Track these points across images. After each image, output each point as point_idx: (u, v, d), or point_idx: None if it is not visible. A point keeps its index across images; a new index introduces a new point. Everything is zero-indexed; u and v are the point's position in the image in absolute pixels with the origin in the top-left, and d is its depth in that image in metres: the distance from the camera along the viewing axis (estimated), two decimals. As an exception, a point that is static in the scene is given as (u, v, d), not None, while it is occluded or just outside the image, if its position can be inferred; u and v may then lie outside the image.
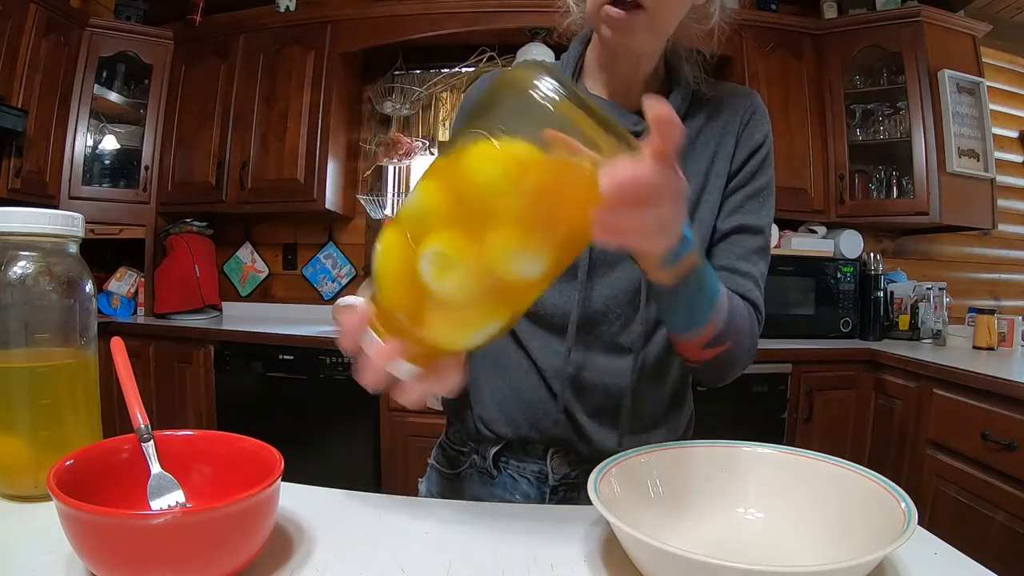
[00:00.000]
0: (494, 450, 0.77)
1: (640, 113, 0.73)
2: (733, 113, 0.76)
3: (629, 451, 0.56)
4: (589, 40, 0.78)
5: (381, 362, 0.48)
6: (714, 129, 0.75)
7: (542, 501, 0.77)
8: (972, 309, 2.54)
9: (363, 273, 2.98)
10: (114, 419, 0.70)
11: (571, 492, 0.77)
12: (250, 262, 3.12)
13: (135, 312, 2.87)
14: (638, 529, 0.41)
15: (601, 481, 0.49)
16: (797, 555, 0.50)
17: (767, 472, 0.55)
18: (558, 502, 0.77)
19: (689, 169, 0.73)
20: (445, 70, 2.88)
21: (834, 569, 0.38)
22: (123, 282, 2.85)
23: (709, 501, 0.55)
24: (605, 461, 0.53)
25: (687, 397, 0.82)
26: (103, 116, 2.87)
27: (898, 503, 0.45)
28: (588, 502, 0.77)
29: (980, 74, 2.59)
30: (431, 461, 0.86)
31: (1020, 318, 2.41)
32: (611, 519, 0.42)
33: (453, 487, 0.81)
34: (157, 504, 0.49)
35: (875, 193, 2.69)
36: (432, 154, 2.85)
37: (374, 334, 0.48)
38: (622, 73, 0.74)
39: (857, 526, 0.47)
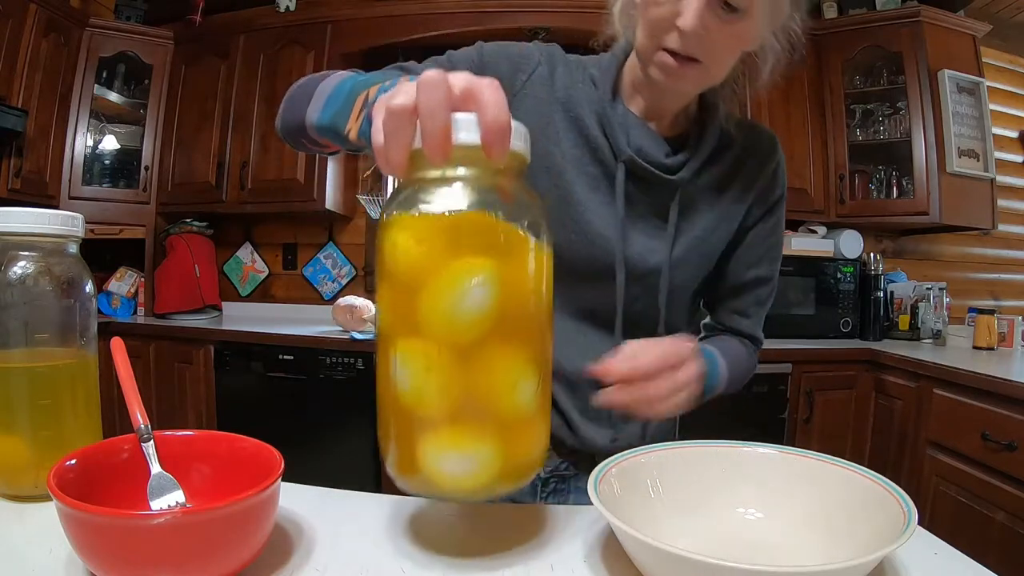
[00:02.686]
0: None
1: (670, 140, 0.75)
2: (758, 163, 0.79)
3: (628, 451, 0.56)
4: (628, 54, 0.77)
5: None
6: (736, 177, 0.78)
7: (533, 493, 0.79)
8: (972, 309, 2.54)
9: (363, 273, 2.98)
10: (114, 419, 0.70)
11: (561, 484, 0.80)
12: (250, 262, 3.12)
13: (135, 312, 2.87)
14: (638, 529, 0.41)
15: (601, 481, 0.49)
16: (797, 555, 0.50)
17: (767, 472, 0.55)
18: (549, 494, 0.80)
19: (710, 211, 0.77)
20: (445, 70, 2.87)
21: (834, 569, 0.38)
22: (123, 282, 2.85)
23: (709, 501, 0.55)
24: (605, 461, 0.53)
25: None
26: (103, 116, 2.87)
27: (898, 503, 0.45)
28: (578, 495, 0.80)
29: (980, 74, 2.59)
30: None
31: (1020, 318, 2.41)
32: (611, 519, 0.42)
33: None
34: (157, 504, 0.49)
35: (875, 193, 2.69)
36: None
37: None
38: (658, 101, 0.74)
39: (857, 526, 0.47)
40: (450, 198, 0.42)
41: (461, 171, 0.42)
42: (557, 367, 0.74)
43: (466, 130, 0.40)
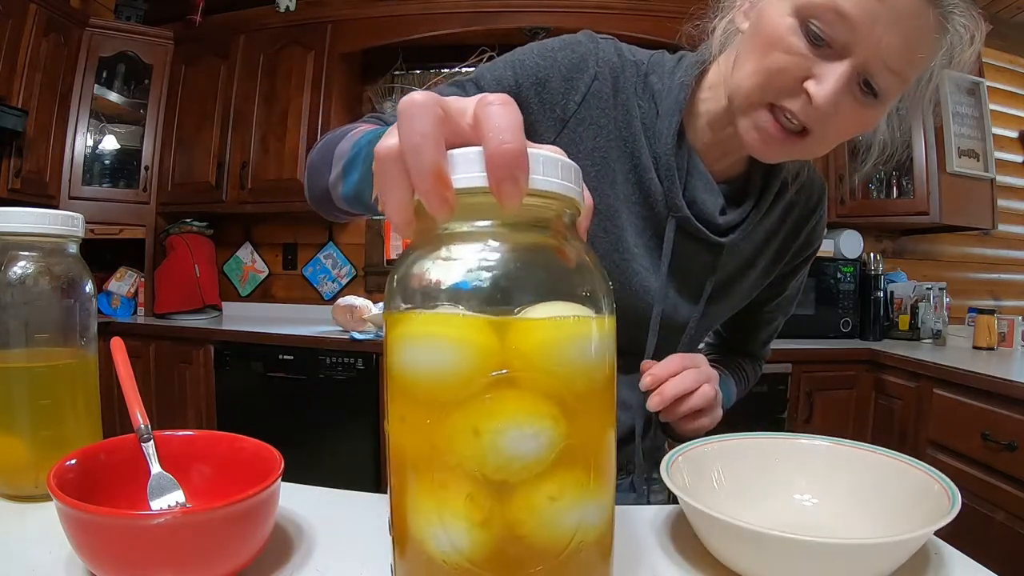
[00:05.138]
0: None
1: (724, 184, 0.69)
2: (803, 216, 0.76)
3: (692, 443, 0.59)
4: (705, 71, 0.66)
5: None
6: (780, 231, 0.76)
7: None
8: (972, 309, 2.54)
9: (363, 273, 2.98)
10: (114, 419, 0.70)
11: None
12: (250, 262, 3.12)
13: (135, 312, 2.87)
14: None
15: (671, 469, 0.52)
16: (853, 534, 0.52)
17: (819, 461, 0.59)
18: None
19: (748, 269, 0.76)
20: (445, 70, 2.88)
21: (892, 542, 0.41)
22: (123, 282, 2.85)
23: (767, 488, 0.58)
24: (672, 451, 0.55)
25: None
26: (103, 116, 2.87)
27: (943, 488, 0.48)
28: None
29: (980, 74, 2.59)
30: None
31: (1020, 318, 2.41)
32: (691, 503, 0.45)
33: None
34: (157, 504, 0.49)
35: (875, 193, 2.69)
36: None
37: None
38: (727, 143, 0.66)
39: (905, 508, 0.50)
40: (472, 274, 0.31)
41: (484, 224, 0.32)
42: None
43: (466, 168, 0.30)
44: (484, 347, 0.30)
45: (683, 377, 0.64)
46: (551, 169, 0.31)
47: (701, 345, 0.94)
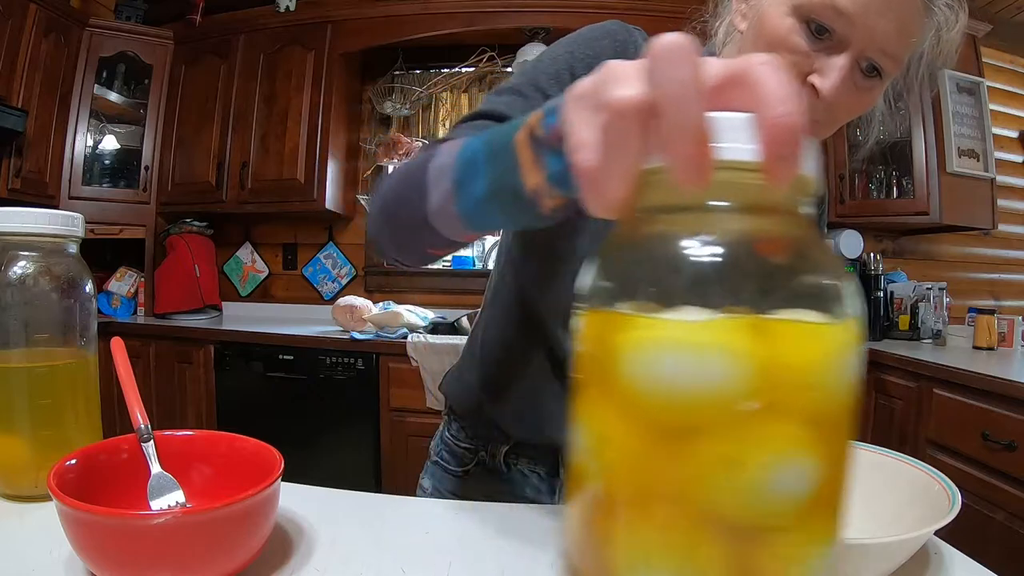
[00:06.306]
0: (505, 449, 0.77)
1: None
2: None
3: None
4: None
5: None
6: None
7: (552, 494, 0.78)
8: (972, 309, 2.54)
9: (363, 273, 2.98)
10: (114, 419, 0.70)
11: None
12: (250, 262, 3.12)
13: (135, 312, 2.87)
14: None
15: None
16: (849, 535, 0.52)
17: None
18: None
19: None
20: (445, 70, 2.88)
21: (886, 543, 0.41)
22: (123, 282, 2.85)
23: None
24: None
25: None
26: (103, 116, 2.87)
27: (943, 488, 0.49)
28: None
29: (980, 74, 2.59)
30: (434, 457, 0.85)
31: (1020, 318, 2.41)
32: None
33: (461, 484, 0.81)
34: (157, 504, 0.49)
35: (875, 193, 2.69)
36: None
37: None
38: None
39: (904, 509, 0.50)
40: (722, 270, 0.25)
41: (721, 204, 0.26)
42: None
43: (735, 137, 0.25)
44: (748, 363, 0.24)
45: None
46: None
47: None
